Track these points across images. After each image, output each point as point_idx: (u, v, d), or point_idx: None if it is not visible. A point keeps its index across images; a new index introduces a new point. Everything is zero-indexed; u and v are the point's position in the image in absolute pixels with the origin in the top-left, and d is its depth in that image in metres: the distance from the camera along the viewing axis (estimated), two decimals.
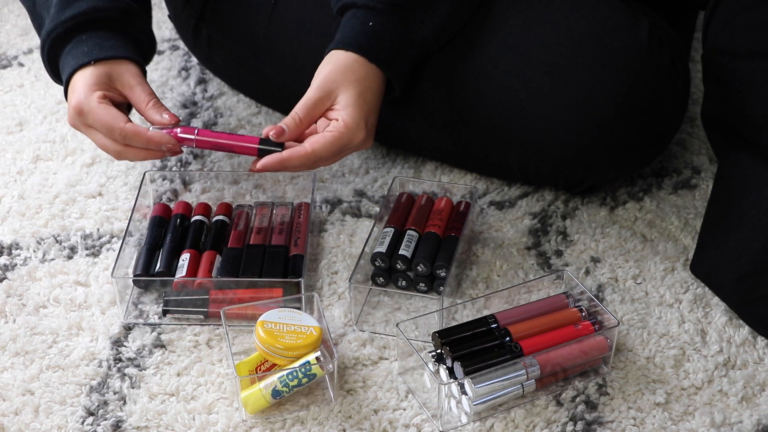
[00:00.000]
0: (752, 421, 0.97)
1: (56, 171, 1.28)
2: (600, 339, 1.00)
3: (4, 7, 1.65)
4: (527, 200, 1.23)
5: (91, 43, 1.10)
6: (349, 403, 0.99)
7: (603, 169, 1.16)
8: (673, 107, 1.15)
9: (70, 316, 1.08)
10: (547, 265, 1.14)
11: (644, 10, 1.17)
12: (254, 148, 1.06)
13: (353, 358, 1.04)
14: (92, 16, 1.10)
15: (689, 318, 1.07)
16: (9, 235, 1.19)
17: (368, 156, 1.30)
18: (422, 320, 1.04)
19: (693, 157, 1.29)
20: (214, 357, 1.04)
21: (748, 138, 1.06)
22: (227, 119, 1.37)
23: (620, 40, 1.11)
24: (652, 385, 1.01)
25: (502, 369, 0.97)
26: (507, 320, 1.02)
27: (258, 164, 1.05)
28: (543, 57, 1.12)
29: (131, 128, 1.06)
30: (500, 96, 1.14)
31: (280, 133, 1.05)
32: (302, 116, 1.06)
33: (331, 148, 1.05)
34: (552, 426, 0.97)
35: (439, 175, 1.26)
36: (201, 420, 0.97)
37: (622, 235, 1.18)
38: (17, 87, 1.45)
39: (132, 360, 1.03)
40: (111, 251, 1.16)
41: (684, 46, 1.21)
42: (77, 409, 0.98)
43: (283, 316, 1.01)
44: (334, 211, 1.22)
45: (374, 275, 1.11)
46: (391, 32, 1.09)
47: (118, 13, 1.12)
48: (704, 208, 1.20)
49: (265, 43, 1.26)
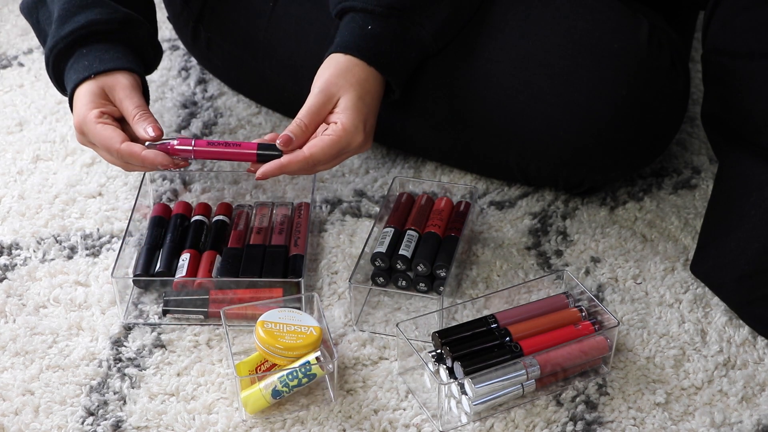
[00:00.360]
0: (752, 421, 0.97)
1: (56, 171, 1.28)
2: (600, 339, 1.00)
3: (4, 7, 1.65)
4: (527, 200, 1.23)
5: (91, 57, 1.10)
6: (349, 403, 0.99)
7: (603, 169, 1.16)
8: (673, 107, 1.15)
9: (70, 316, 1.08)
10: (547, 265, 1.14)
11: (644, 10, 1.17)
12: (253, 154, 1.06)
13: (353, 358, 1.04)
14: (91, 29, 1.11)
15: (689, 318, 1.07)
16: (9, 235, 1.19)
17: (368, 156, 1.30)
18: (422, 320, 1.04)
19: (693, 157, 1.29)
20: (214, 357, 1.04)
21: (748, 138, 1.06)
22: (227, 119, 1.37)
23: (620, 40, 1.11)
24: (652, 385, 1.01)
25: (502, 369, 0.97)
26: (507, 320, 1.02)
27: (258, 173, 1.05)
28: (543, 58, 1.12)
29: (126, 148, 1.06)
30: (500, 97, 1.14)
31: (288, 141, 1.04)
32: (307, 123, 1.06)
33: (330, 151, 1.05)
34: (552, 426, 0.97)
35: (439, 175, 1.26)
36: (201, 420, 0.97)
37: (622, 235, 1.18)
38: (17, 87, 1.45)
39: (132, 360, 1.03)
40: (111, 251, 1.16)
41: (684, 46, 1.21)
42: (77, 409, 0.98)
43: (283, 316, 1.01)
44: (334, 211, 1.22)
45: (374, 275, 1.11)
46: (390, 35, 1.09)
47: (117, 24, 1.12)
48: (704, 208, 1.20)
49: (264, 44, 1.26)
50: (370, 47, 1.08)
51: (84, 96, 1.08)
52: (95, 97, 1.08)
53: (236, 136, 1.33)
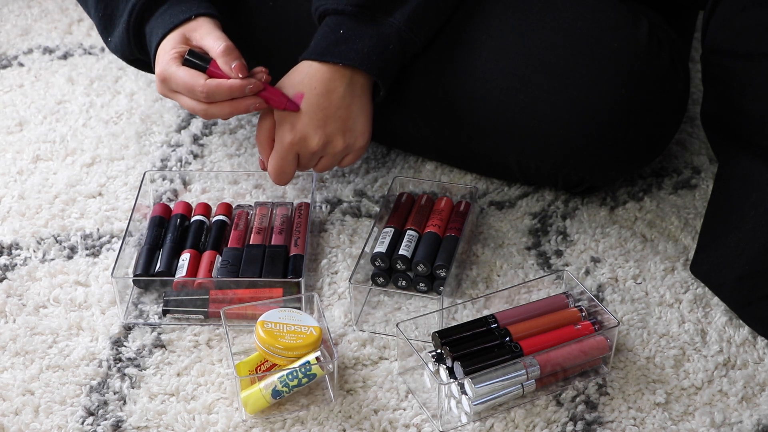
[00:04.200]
0: (752, 421, 0.97)
1: (56, 171, 1.28)
2: (600, 339, 1.00)
3: (4, 7, 1.65)
4: (527, 200, 1.23)
5: (169, 12, 1.11)
6: (349, 403, 0.99)
7: (603, 169, 1.16)
8: (673, 107, 1.15)
9: (70, 316, 1.08)
10: (547, 265, 1.14)
11: (644, 10, 1.17)
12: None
13: (353, 358, 1.04)
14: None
15: (689, 318, 1.07)
16: (9, 235, 1.19)
17: (368, 156, 1.30)
18: (422, 320, 1.04)
19: (693, 157, 1.29)
20: (214, 357, 1.04)
21: (748, 138, 1.06)
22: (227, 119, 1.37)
23: (620, 40, 1.11)
24: (652, 385, 1.01)
25: (502, 369, 0.97)
26: (507, 320, 1.02)
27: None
28: (542, 57, 1.12)
29: (211, 82, 1.06)
30: (500, 96, 1.14)
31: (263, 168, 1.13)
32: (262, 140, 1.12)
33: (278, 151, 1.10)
34: (552, 426, 0.97)
35: (439, 175, 1.26)
36: (201, 420, 0.97)
37: (622, 235, 1.18)
38: (17, 87, 1.45)
39: (132, 360, 1.03)
40: (111, 251, 1.16)
41: (684, 46, 1.21)
42: (77, 409, 0.98)
43: (283, 316, 1.01)
44: (334, 211, 1.22)
45: (374, 275, 1.11)
46: (362, 32, 1.09)
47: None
48: (704, 208, 1.20)
49: (264, 45, 1.26)
50: (341, 48, 1.09)
51: (166, 46, 1.09)
52: (176, 44, 1.09)
53: (236, 136, 1.33)
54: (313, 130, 1.09)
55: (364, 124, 1.11)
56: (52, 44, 1.54)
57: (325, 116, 1.09)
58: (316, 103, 1.09)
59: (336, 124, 1.09)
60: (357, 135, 1.11)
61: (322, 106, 1.09)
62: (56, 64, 1.50)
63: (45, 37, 1.56)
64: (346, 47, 1.09)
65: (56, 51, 1.53)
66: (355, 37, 1.09)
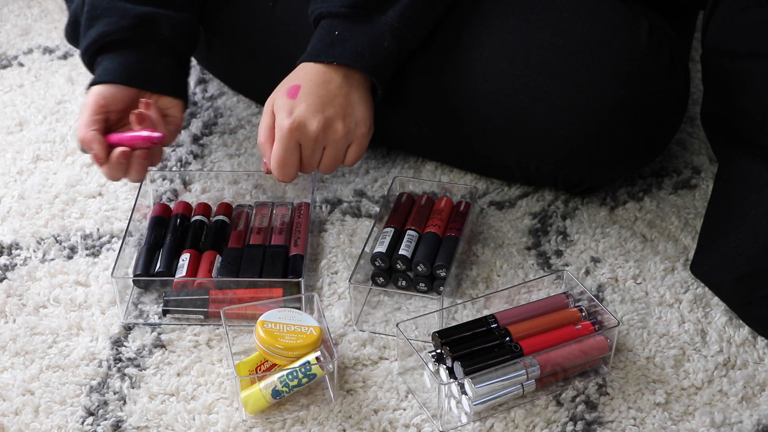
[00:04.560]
0: (752, 421, 0.97)
1: (56, 171, 1.28)
2: (600, 339, 1.00)
3: (4, 7, 1.65)
4: (527, 200, 1.23)
5: (101, 66, 1.13)
6: (349, 403, 0.99)
7: (603, 169, 1.16)
8: (673, 107, 1.15)
9: (70, 316, 1.08)
10: (547, 265, 1.15)
11: (644, 10, 1.17)
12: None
13: (353, 358, 1.04)
14: (103, 42, 1.13)
15: (689, 318, 1.07)
16: (9, 235, 1.19)
17: (368, 156, 1.30)
18: (422, 320, 1.04)
19: (693, 157, 1.29)
20: (214, 357, 1.04)
21: (748, 138, 1.06)
22: (227, 119, 1.37)
23: (620, 40, 1.11)
24: (652, 385, 1.01)
25: (502, 369, 0.97)
26: (507, 320, 1.02)
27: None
28: (542, 57, 1.12)
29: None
30: (500, 96, 1.14)
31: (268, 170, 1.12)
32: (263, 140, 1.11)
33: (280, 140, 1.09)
34: (552, 426, 0.97)
35: (439, 175, 1.27)
36: (201, 420, 0.97)
37: (622, 235, 1.18)
38: (17, 87, 1.45)
39: (132, 360, 1.03)
40: (111, 251, 1.16)
41: (684, 46, 1.21)
42: (77, 409, 0.98)
43: (283, 316, 1.01)
44: (334, 211, 1.22)
45: (374, 275, 1.11)
46: (356, 32, 1.10)
47: (127, 31, 1.13)
48: (704, 208, 1.20)
49: (264, 45, 1.26)
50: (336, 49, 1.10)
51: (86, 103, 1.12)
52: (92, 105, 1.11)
53: (236, 136, 1.33)
54: (311, 114, 1.09)
55: (363, 111, 1.11)
56: (52, 44, 1.55)
57: (322, 102, 1.09)
58: (314, 92, 1.09)
59: (334, 108, 1.09)
60: (357, 121, 1.11)
61: (320, 93, 1.09)
62: (56, 64, 1.50)
63: (45, 37, 1.56)
64: (341, 47, 1.09)
65: (56, 51, 1.53)
66: (349, 37, 1.10)
